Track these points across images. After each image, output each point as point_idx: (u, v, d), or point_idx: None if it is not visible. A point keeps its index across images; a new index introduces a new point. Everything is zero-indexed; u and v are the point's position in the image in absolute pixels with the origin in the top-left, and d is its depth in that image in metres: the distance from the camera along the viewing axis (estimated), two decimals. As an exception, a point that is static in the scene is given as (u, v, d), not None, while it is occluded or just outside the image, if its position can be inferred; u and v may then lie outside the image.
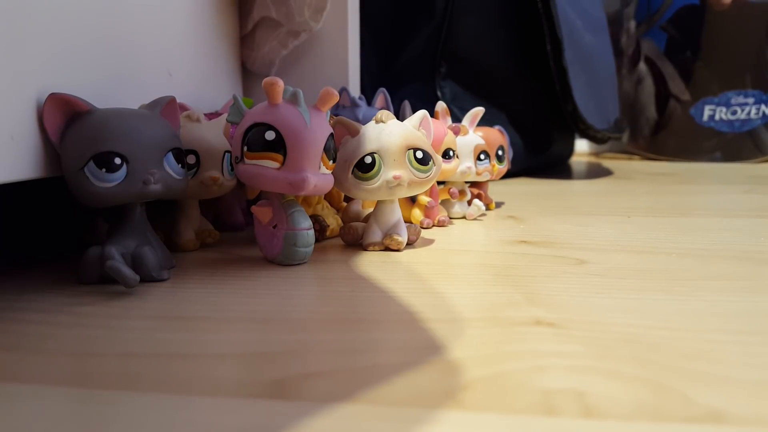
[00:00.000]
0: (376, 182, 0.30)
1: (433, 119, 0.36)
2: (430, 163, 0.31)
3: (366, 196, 0.32)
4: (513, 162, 0.57)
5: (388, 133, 0.31)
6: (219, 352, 0.18)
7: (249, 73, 0.51)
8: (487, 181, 0.46)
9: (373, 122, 0.31)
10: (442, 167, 0.36)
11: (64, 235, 0.36)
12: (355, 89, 0.52)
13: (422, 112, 0.33)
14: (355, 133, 0.31)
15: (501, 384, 0.16)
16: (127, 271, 0.24)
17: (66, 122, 0.24)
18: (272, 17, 0.47)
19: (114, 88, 0.29)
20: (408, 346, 0.19)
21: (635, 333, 0.19)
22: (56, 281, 0.26)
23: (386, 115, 0.31)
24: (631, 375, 0.16)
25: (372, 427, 0.14)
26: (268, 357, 0.18)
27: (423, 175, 0.31)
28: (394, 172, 0.30)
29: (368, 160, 0.30)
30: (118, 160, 0.24)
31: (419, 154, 0.31)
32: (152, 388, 0.16)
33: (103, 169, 0.24)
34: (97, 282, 0.25)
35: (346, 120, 0.31)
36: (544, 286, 0.25)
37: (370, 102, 0.45)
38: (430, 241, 0.35)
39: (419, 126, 0.32)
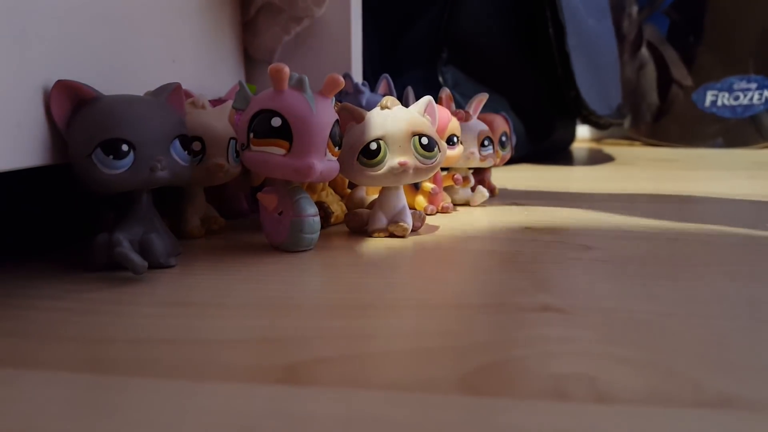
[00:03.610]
0: (382, 169, 0.30)
1: (438, 105, 0.36)
2: (435, 149, 0.31)
3: (371, 183, 0.32)
4: (515, 148, 0.57)
5: (393, 119, 0.30)
6: (229, 338, 0.18)
7: (252, 60, 0.50)
8: (491, 167, 0.46)
9: (378, 108, 0.31)
10: (446, 153, 0.35)
11: (71, 222, 0.36)
12: (357, 75, 0.52)
13: (427, 98, 0.32)
14: (360, 119, 0.31)
15: (512, 369, 0.16)
16: (136, 258, 0.24)
17: (73, 109, 0.24)
18: (274, 3, 0.47)
19: (118, 74, 0.29)
20: (417, 332, 0.19)
21: (643, 319, 0.20)
22: (64, 268, 0.26)
23: (391, 101, 0.31)
24: (641, 360, 0.16)
25: (384, 412, 0.14)
26: (278, 343, 0.18)
27: (428, 162, 0.31)
28: (399, 158, 0.30)
29: (373, 146, 0.30)
30: (125, 147, 0.24)
31: (424, 141, 0.31)
32: (164, 373, 0.16)
33: (111, 156, 0.24)
34: (105, 269, 0.26)
35: (352, 106, 0.31)
36: (551, 272, 0.25)
37: (373, 88, 0.45)
38: (434, 228, 0.35)
39: (424, 112, 0.32)
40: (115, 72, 0.29)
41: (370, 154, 0.30)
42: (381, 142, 0.30)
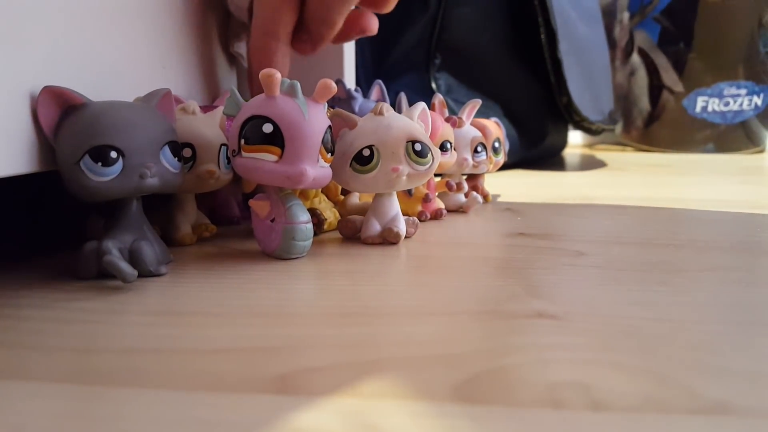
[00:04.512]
0: (375, 175, 0.30)
1: (431, 111, 0.36)
2: (429, 155, 0.31)
3: (364, 189, 0.31)
4: (508, 154, 0.57)
5: (387, 125, 0.30)
6: (221, 347, 0.18)
7: (243, 66, 0.50)
8: (484, 173, 0.46)
9: (371, 114, 0.31)
10: (440, 160, 0.35)
11: (59, 230, 0.35)
12: (350, 81, 0.52)
13: (420, 105, 0.32)
14: (352, 125, 0.31)
15: (506, 377, 0.16)
16: (125, 266, 0.23)
17: (60, 116, 0.24)
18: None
19: (107, 80, 0.29)
20: (410, 340, 0.19)
21: (637, 325, 0.19)
22: (53, 277, 0.26)
23: (384, 107, 0.31)
24: (636, 367, 0.16)
25: (377, 421, 0.14)
26: (271, 352, 0.18)
27: (421, 168, 0.31)
28: (392, 164, 0.30)
29: (366, 153, 0.30)
30: (114, 154, 0.24)
31: (417, 147, 0.30)
32: (154, 384, 0.16)
33: (99, 163, 0.24)
34: (95, 277, 0.25)
35: (344, 112, 0.31)
36: (545, 278, 0.25)
37: (365, 94, 0.45)
38: (428, 234, 0.35)
39: (417, 118, 0.32)
40: (104, 78, 0.29)
41: (362, 161, 0.30)
42: (374, 148, 0.30)
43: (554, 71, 0.76)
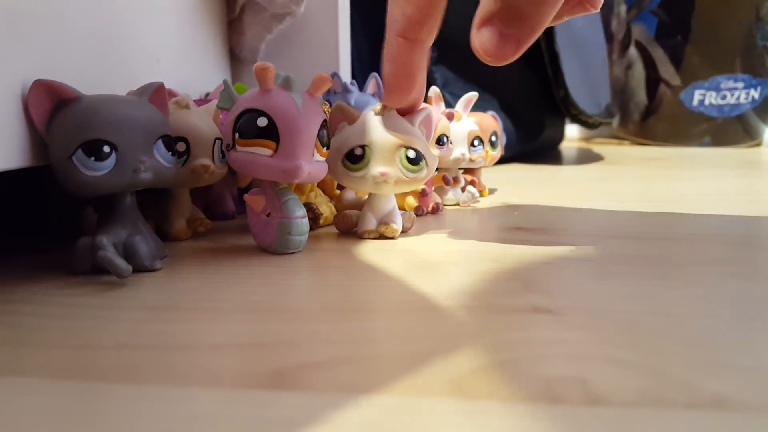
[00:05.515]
0: (363, 175, 0.30)
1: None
2: (422, 163, 0.30)
3: (354, 186, 0.31)
4: (505, 148, 0.57)
5: (384, 127, 0.30)
6: (216, 343, 0.18)
7: (238, 59, 0.50)
8: (481, 167, 0.46)
9: (372, 113, 0.31)
10: (435, 164, 0.34)
11: (53, 225, 0.35)
12: (345, 74, 0.51)
13: (425, 109, 0.31)
14: (352, 121, 0.31)
15: (503, 372, 0.16)
16: (120, 262, 0.23)
17: (53, 110, 0.24)
18: (257, 1, 0.46)
19: (100, 74, 0.29)
20: (407, 335, 0.18)
21: (635, 320, 0.19)
22: (47, 272, 0.26)
23: (388, 109, 0.30)
24: (633, 362, 0.16)
25: (374, 416, 0.14)
26: (266, 347, 0.18)
27: (412, 175, 0.30)
28: (381, 168, 0.29)
29: (358, 152, 0.30)
30: (107, 148, 0.24)
31: (411, 154, 0.30)
32: (150, 379, 0.15)
33: (92, 158, 0.23)
34: (89, 272, 0.25)
35: (347, 107, 0.31)
36: (542, 272, 0.25)
37: (361, 87, 0.44)
38: (424, 229, 0.35)
39: (419, 123, 0.31)
40: (97, 71, 0.28)
41: (354, 159, 0.30)
42: (366, 148, 0.30)
43: (551, 64, 0.76)
